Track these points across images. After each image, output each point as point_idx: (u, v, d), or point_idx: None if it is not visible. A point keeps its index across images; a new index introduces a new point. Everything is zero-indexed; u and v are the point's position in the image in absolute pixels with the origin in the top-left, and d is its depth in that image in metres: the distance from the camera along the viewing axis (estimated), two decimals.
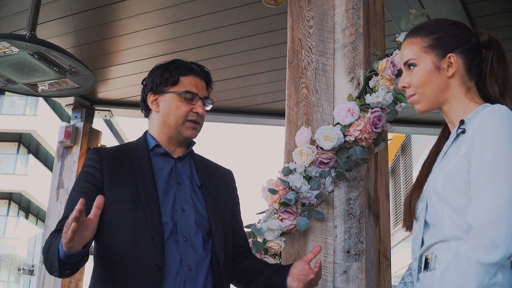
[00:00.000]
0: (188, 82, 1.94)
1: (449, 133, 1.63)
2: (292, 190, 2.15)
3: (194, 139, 1.98)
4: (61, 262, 1.61)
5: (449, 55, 1.58)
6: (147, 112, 1.99)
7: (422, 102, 1.61)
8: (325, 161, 2.16)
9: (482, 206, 1.37)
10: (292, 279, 1.83)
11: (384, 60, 2.19)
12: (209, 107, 1.99)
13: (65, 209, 1.82)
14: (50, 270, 1.67)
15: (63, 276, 1.70)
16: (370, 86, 2.21)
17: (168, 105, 1.92)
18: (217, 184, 1.97)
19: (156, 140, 1.93)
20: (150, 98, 1.95)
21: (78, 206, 1.51)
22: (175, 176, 1.89)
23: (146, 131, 1.99)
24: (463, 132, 1.51)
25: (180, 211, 1.82)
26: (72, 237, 1.52)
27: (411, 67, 1.61)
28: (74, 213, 1.51)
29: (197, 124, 1.94)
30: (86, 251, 1.63)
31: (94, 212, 1.56)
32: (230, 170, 2.10)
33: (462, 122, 1.54)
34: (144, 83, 2.01)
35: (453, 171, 1.48)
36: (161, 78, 1.94)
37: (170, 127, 1.91)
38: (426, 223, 1.55)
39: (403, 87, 1.63)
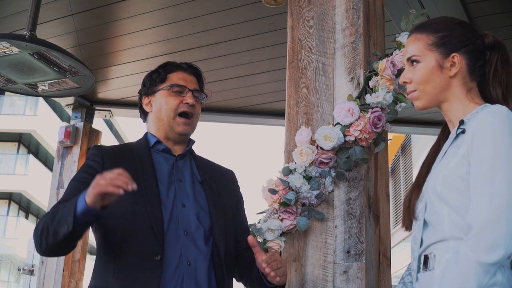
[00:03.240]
0: (175, 77, 2.00)
1: (449, 133, 1.63)
2: (292, 190, 2.15)
3: (193, 138, 2.01)
4: (76, 218, 1.61)
5: (453, 54, 1.58)
6: (144, 116, 2.04)
7: (422, 99, 1.61)
8: (325, 161, 2.16)
9: (481, 206, 1.37)
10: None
11: (384, 60, 2.19)
12: (203, 100, 2.01)
13: (63, 196, 1.83)
14: (56, 232, 1.66)
15: (66, 241, 1.67)
16: (370, 86, 2.21)
17: (159, 102, 1.97)
18: (218, 182, 1.98)
19: (156, 137, 1.95)
20: (144, 101, 2.02)
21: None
22: (176, 173, 1.91)
23: (146, 132, 2.02)
24: (463, 132, 1.51)
25: (181, 206, 1.84)
26: (106, 191, 1.56)
27: (414, 63, 1.62)
28: (124, 173, 1.57)
29: (189, 120, 1.95)
30: (100, 214, 1.65)
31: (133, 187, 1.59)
32: (231, 170, 2.12)
33: (461, 122, 1.54)
34: (139, 92, 2.07)
35: (452, 171, 1.48)
36: (150, 79, 2.01)
37: (164, 123, 1.95)
38: (425, 223, 1.55)
39: (404, 82, 1.64)
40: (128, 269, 1.72)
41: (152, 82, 1.99)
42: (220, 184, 1.98)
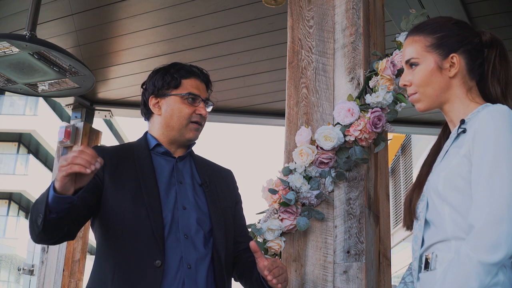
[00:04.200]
0: (190, 85, 1.96)
1: (450, 132, 1.63)
2: (292, 190, 2.15)
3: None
4: (48, 206, 1.55)
5: (451, 55, 1.58)
6: (148, 115, 2.01)
7: (423, 101, 1.61)
8: (325, 161, 2.16)
9: (483, 206, 1.37)
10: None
11: (384, 60, 2.19)
12: (209, 109, 2.00)
13: None
14: (35, 220, 1.60)
15: (47, 229, 1.60)
16: (370, 86, 2.21)
17: (171, 107, 1.93)
18: (218, 183, 1.98)
19: (156, 139, 1.94)
20: (152, 101, 1.97)
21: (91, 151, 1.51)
22: (177, 175, 1.90)
23: (146, 132, 2.00)
24: (464, 131, 1.51)
25: (181, 209, 1.83)
26: (72, 173, 1.48)
27: (413, 65, 1.61)
28: (86, 149, 1.50)
29: (199, 126, 1.95)
30: (74, 200, 1.58)
31: (96, 166, 1.53)
32: (230, 170, 2.11)
33: (462, 121, 1.53)
34: (144, 87, 2.03)
35: (453, 171, 1.48)
36: (163, 81, 1.96)
37: (174, 129, 1.93)
38: (426, 223, 1.55)
39: (404, 85, 1.63)
40: (127, 274, 1.71)
41: (164, 84, 1.95)
42: (219, 185, 1.98)
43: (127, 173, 1.84)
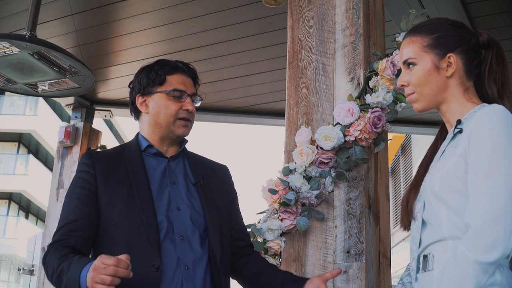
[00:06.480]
0: (175, 80, 1.94)
1: (447, 132, 1.63)
2: (292, 190, 2.15)
3: (186, 137, 1.98)
4: None
5: (448, 55, 1.58)
6: (136, 114, 2.00)
7: (421, 101, 1.61)
8: (325, 161, 2.16)
9: (480, 206, 1.37)
10: None
11: (384, 60, 2.19)
12: (198, 104, 1.98)
13: (61, 215, 1.82)
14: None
15: None
16: (370, 86, 2.22)
17: (157, 105, 1.92)
18: (212, 181, 1.96)
19: (148, 140, 1.93)
20: (139, 100, 1.95)
21: (126, 258, 1.53)
22: (169, 175, 1.88)
23: (138, 133, 1.99)
24: (460, 131, 1.51)
25: (176, 210, 1.82)
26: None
27: (411, 66, 1.61)
28: (126, 264, 1.52)
29: (188, 122, 1.93)
30: None
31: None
32: (225, 166, 2.08)
33: (459, 121, 1.54)
34: (131, 86, 2.01)
35: (450, 171, 1.48)
36: (148, 79, 1.94)
37: (162, 127, 1.91)
38: (423, 223, 1.55)
39: (402, 85, 1.64)
40: (125, 279, 1.70)
41: (149, 82, 1.94)
42: (214, 183, 1.96)
43: (119, 177, 1.83)
